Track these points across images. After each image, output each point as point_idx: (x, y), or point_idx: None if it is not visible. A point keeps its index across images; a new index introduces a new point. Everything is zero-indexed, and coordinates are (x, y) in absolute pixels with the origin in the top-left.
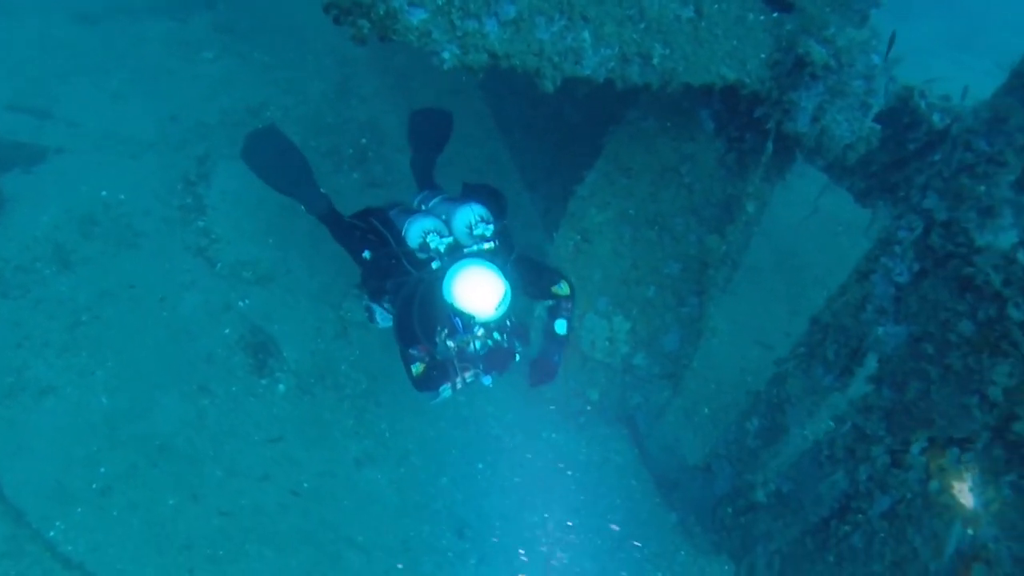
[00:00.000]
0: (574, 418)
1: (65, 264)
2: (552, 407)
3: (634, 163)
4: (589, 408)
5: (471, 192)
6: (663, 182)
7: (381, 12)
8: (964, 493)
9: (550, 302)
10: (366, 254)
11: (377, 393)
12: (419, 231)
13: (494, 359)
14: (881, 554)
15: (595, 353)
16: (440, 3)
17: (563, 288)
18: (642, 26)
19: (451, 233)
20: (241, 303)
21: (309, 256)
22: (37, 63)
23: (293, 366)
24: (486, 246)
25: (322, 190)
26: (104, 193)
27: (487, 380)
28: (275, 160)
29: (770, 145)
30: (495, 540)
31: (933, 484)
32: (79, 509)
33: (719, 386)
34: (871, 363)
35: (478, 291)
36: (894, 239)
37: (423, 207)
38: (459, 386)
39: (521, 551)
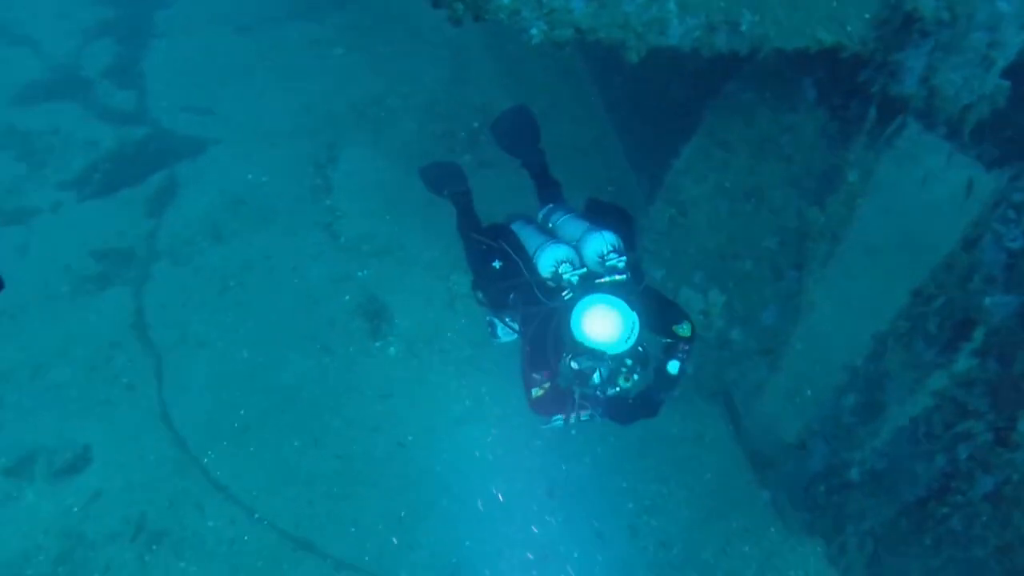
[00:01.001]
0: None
1: (218, 238)
2: None
3: (731, 136)
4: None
5: (598, 211)
6: (761, 154)
7: None
8: None
9: (668, 340)
10: (496, 264)
11: (479, 359)
12: (552, 261)
13: (615, 407)
14: (983, 538)
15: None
16: None
17: (685, 329)
18: None
19: (582, 262)
20: (360, 273)
21: (422, 232)
22: (204, 69)
23: (403, 331)
24: (617, 278)
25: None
26: (250, 176)
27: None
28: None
29: (873, 110)
30: (582, 503)
31: None
32: (224, 443)
33: (825, 367)
34: (978, 337)
35: (604, 328)
36: (1008, 201)
37: (549, 224)
38: (571, 421)
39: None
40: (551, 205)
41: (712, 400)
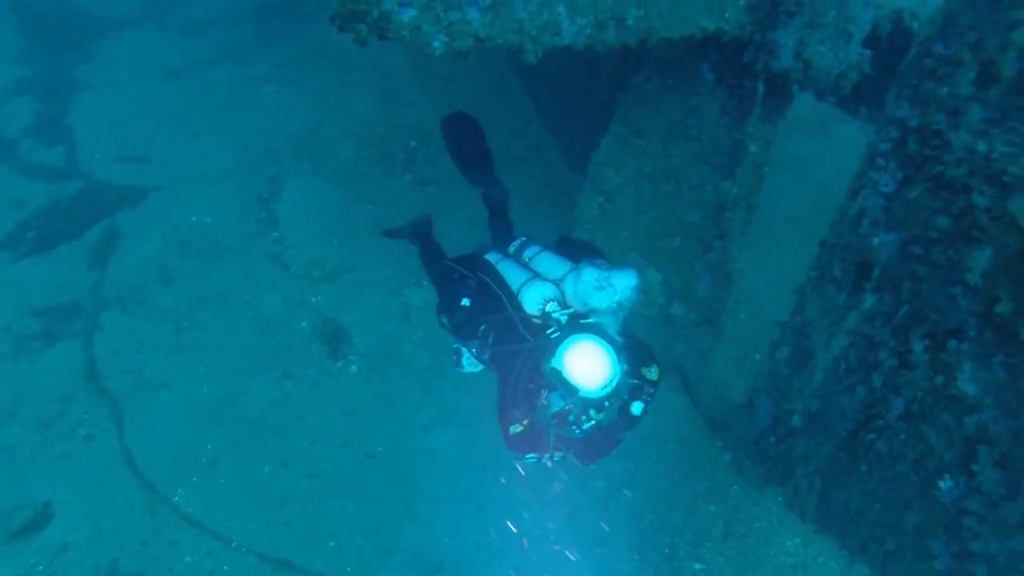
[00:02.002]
0: None
1: (167, 280)
2: None
3: (644, 123)
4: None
5: (572, 250)
6: (673, 137)
7: (376, 15)
8: (966, 381)
9: (635, 381)
10: (465, 301)
11: (440, 367)
12: (539, 298)
13: (592, 445)
14: (903, 454)
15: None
16: (425, 1)
17: (653, 373)
18: None
19: (566, 301)
20: (314, 299)
21: (370, 252)
22: (135, 118)
23: (363, 349)
24: (602, 319)
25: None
26: (194, 218)
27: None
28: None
29: (760, 86)
30: (556, 486)
31: (938, 379)
32: (194, 479)
33: (768, 333)
34: (875, 275)
35: (591, 370)
36: (877, 152)
37: (524, 258)
38: (546, 461)
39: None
40: (523, 239)
41: (667, 374)
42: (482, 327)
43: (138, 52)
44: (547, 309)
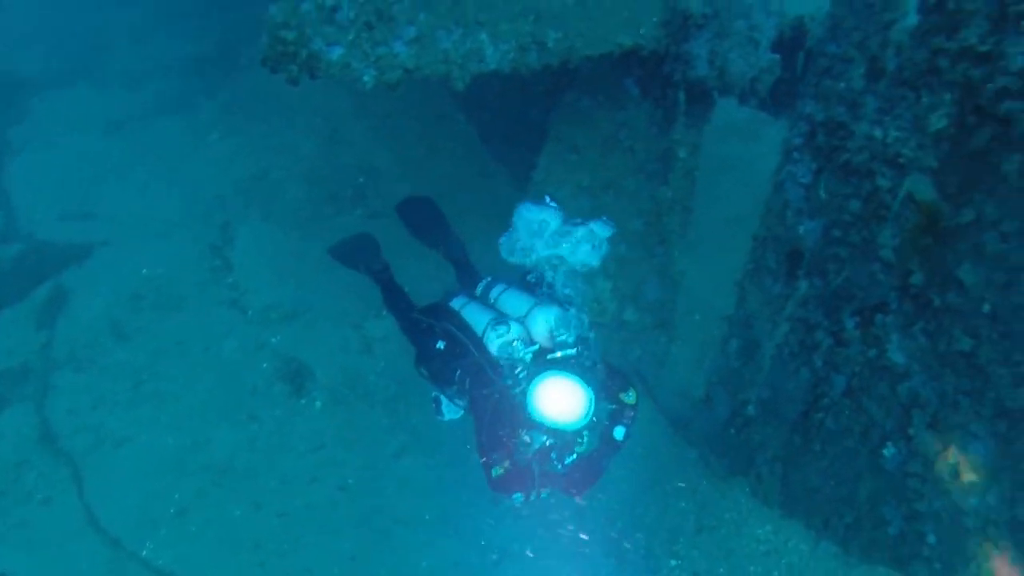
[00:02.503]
0: None
1: (121, 335)
2: None
3: (578, 139)
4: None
5: (533, 283)
6: (607, 150)
7: (305, 56)
8: (895, 352)
9: (614, 406)
10: (440, 344)
11: (407, 395)
12: (503, 339)
13: (576, 476)
14: (850, 429)
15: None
16: (352, 38)
17: (631, 396)
18: (532, 18)
19: (532, 338)
20: (273, 340)
21: (326, 289)
22: (76, 176)
23: (326, 383)
24: (568, 352)
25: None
26: (145, 271)
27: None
28: (351, 246)
29: (682, 95)
30: (529, 505)
31: (871, 352)
32: (163, 530)
33: (710, 324)
34: (805, 261)
35: (565, 406)
36: (792, 146)
37: (490, 299)
38: (533, 498)
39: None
40: (488, 279)
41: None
42: (457, 372)
43: (74, 109)
44: (511, 349)
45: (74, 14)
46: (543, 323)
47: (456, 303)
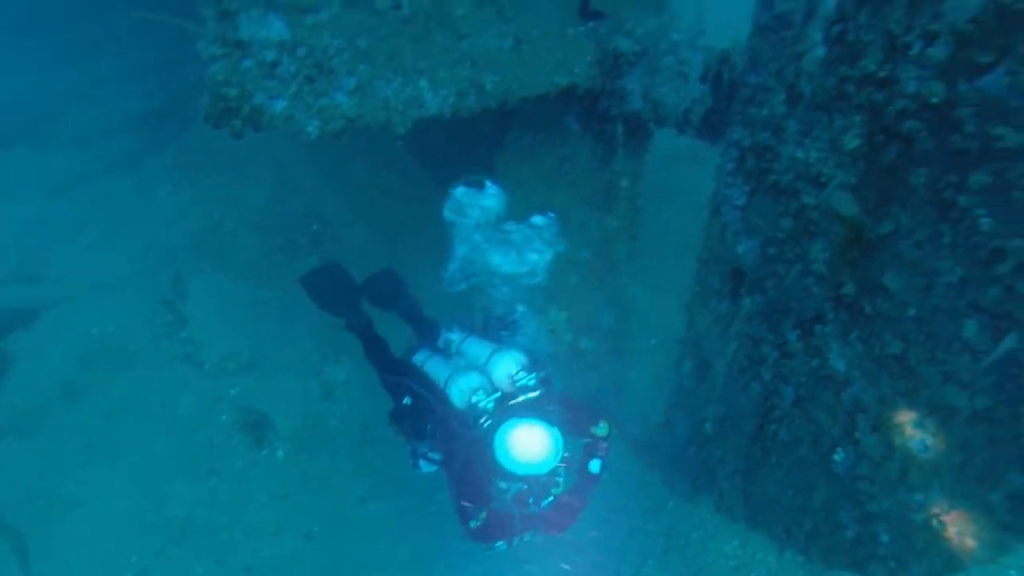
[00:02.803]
0: None
1: (73, 397)
2: None
3: (523, 175)
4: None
5: (495, 328)
6: (552, 184)
7: (248, 110)
8: (835, 360)
9: (587, 440)
10: (407, 400)
11: (371, 439)
12: (464, 390)
13: (557, 515)
14: (801, 438)
15: (542, 347)
16: (294, 91)
17: (602, 429)
18: (469, 64)
19: (494, 385)
20: (232, 391)
21: (283, 338)
22: (20, 239)
23: (287, 432)
24: (531, 395)
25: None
26: (95, 330)
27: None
28: (330, 288)
29: (619, 128)
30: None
31: (814, 362)
32: None
33: (666, 348)
34: (746, 279)
35: (530, 452)
36: (726, 171)
37: (452, 349)
38: (516, 543)
39: None
40: (447, 330)
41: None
42: (428, 426)
43: (16, 172)
44: (472, 400)
45: (16, 76)
46: (503, 369)
47: (418, 358)
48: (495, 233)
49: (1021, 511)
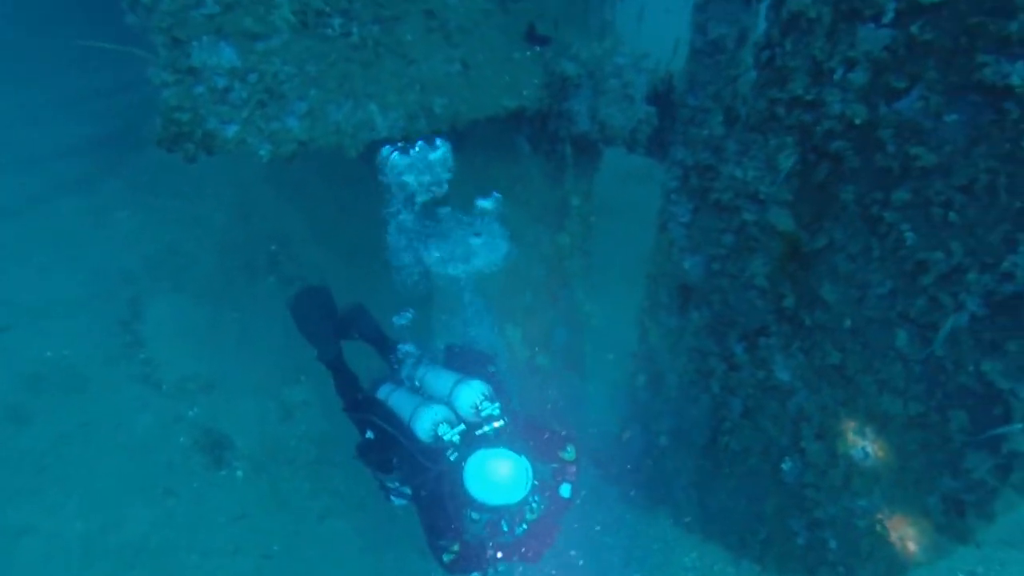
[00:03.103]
0: None
1: (21, 421)
2: None
3: (475, 195)
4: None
5: (459, 359)
6: (505, 204)
7: (200, 135)
8: (780, 371)
9: (555, 465)
10: (369, 434)
11: (329, 457)
12: (429, 424)
13: (531, 543)
14: (751, 448)
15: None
16: (246, 115)
17: (570, 453)
18: (418, 87)
19: (458, 416)
20: (190, 412)
21: (243, 358)
22: None
23: (247, 452)
24: (496, 424)
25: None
26: (48, 353)
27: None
28: (315, 313)
29: (568, 148)
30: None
31: (760, 373)
32: None
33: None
34: (693, 294)
35: (501, 484)
36: (670, 189)
37: (416, 381)
38: (491, 574)
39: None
40: (411, 358)
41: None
42: (394, 459)
43: None
44: (438, 432)
45: None
46: (466, 399)
47: (382, 392)
48: (432, 223)
49: (954, 513)
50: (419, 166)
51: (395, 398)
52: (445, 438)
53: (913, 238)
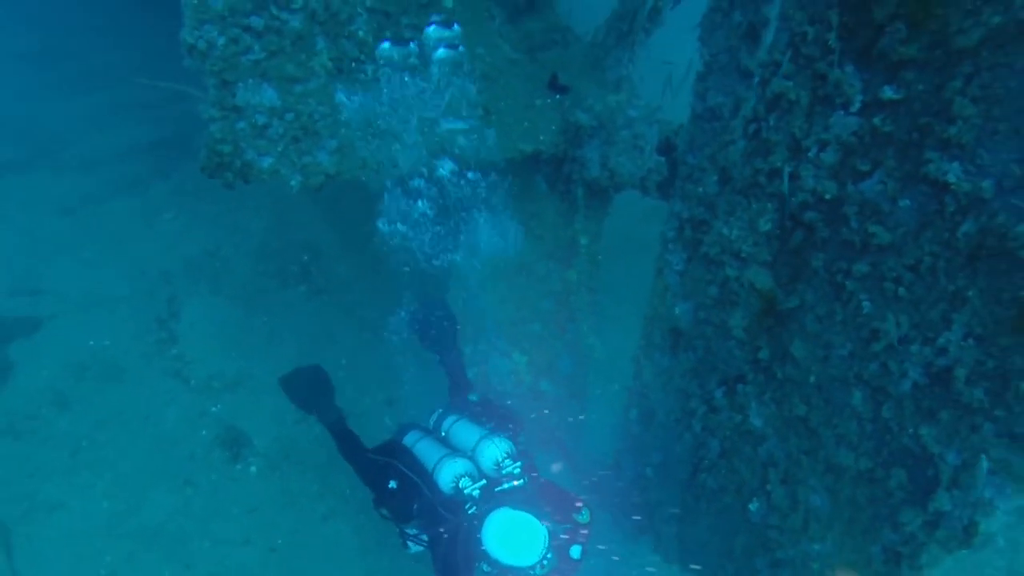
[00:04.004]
0: None
1: (64, 405)
2: None
3: None
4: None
5: (488, 412)
6: (524, 236)
7: (239, 165)
8: (754, 417)
9: (568, 525)
10: (392, 484)
11: (336, 460)
12: (451, 477)
13: None
14: (726, 487)
15: (504, 387)
16: (280, 149)
17: (584, 516)
18: (440, 130)
19: (481, 472)
20: (214, 408)
21: (269, 360)
22: (26, 254)
23: (262, 450)
24: (515, 483)
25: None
26: (92, 343)
27: None
28: (306, 386)
29: (580, 190)
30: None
31: (737, 418)
32: None
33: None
34: (683, 339)
35: (520, 546)
36: (667, 239)
37: (442, 431)
38: None
39: None
40: (440, 410)
41: (546, 446)
42: (415, 507)
43: (30, 191)
44: (460, 485)
45: (37, 103)
46: (489, 455)
47: (409, 439)
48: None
49: (892, 564)
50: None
51: (421, 447)
52: (466, 492)
53: (869, 307)
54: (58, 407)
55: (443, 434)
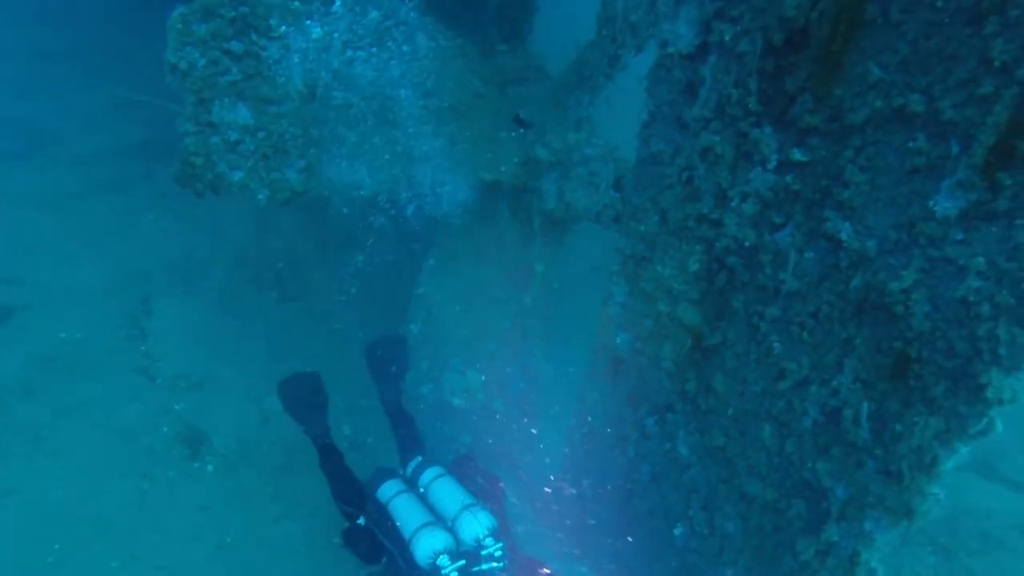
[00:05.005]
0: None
1: (29, 394)
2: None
3: (457, 250)
4: (464, 450)
5: (468, 473)
6: (480, 260)
7: (210, 177)
8: (681, 445)
9: None
10: (361, 520)
11: (292, 464)
12: (429, 552)
13: None
14: (654, 512)
15: (457, 403)
16: (251, 165)
17: None
18: (406, 159)
19: (459, 546)
20: (177, 407)
21: (235, 364)
22: (7, 244)
23: (221, 450)
24: (495, 565)
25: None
26: (63, 335)
27: None
28: (301, 394)
29: (537, 219)
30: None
31: (666, 445)
32: None
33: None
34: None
35: None
36: (613, 272)
37: (420, 486)
38: None
39: None
40: (419, 459)
41: (500, 463)
42: (384, 559)
43: (19, 184)
44: (437, 563)
45: (33, 101)
46: (471, 531)
47: (384, 491)
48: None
49: None
50: None
51: (397, 505)
52: (443, 572)
53: (779, 348)
54: (23, 395)
55: (422, 490)
